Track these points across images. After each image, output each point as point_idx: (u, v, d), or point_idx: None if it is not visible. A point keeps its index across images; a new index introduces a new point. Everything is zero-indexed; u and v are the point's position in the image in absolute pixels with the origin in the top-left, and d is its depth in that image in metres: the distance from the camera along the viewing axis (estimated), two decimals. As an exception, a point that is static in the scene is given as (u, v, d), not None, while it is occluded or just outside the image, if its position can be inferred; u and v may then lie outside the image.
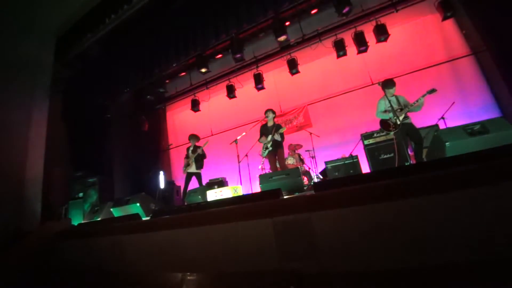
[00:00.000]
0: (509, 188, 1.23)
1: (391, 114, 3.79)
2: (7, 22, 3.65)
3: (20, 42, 3.77)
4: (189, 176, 5.54)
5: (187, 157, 5.62)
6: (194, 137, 5.75)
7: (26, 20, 3.83)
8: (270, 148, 4.79)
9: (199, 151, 5.54)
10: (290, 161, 6.07)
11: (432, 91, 3.63)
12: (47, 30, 4.21)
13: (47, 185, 3.98)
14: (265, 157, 5.03)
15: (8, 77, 3.55)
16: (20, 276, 2.78)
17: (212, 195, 5.85)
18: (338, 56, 6.45)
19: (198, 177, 5.56)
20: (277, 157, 4.85)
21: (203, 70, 6.97)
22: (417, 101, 3.68)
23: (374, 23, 5.98)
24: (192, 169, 5.52)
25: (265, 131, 4.95)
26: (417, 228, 1.37)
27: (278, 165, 4.94)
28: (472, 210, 1.29)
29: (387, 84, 3.89)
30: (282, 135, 4.75)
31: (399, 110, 3.72)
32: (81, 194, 6.02)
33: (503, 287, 1.14)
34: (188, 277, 1.94)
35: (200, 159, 5.59)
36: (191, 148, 5.68)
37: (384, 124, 3.95)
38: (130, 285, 2.26)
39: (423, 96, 3.65)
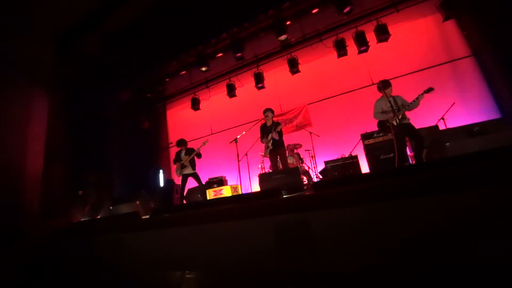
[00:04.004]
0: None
1: (388, 116, 3.80)
2: (7, 20, 3.64)
3: (20, 41, 3.76)
4: (185, 178, 5.54)
5: (178, 160, 5.60)
6: (183, 142, 5.78)
7: (26, 18, 3.82)
8: (271, 147, 4.79)
9: (197, 151, 5.54)
10: (290, 161, 6.08)
11: (429, 90, 3.63)
12: (47, 28, 4.21)
13: (47, 182, 3.98)
14: (266, 156, 5.02)
15: (8, 75, 3.54)
16: (19, 273, 2.78)
17: (212, 194, 5.87)
18: (339, 56, 6.44)
19: (196, 177, 5.56)
20: (279, 157, 4.85)
21: (204, 68, 6.96)
22: (414, 101, 3.68)
23: (375, 23, 5.97)
24: (188, 170, 5.52)
25: (265, 130, 4.95)
26: (417, 228, 1.37)
27: (279, 164, 4.93)
28: (475, 209, 1.29)
29: (386, 84, 3.89)
30: (280, 132, 4.75)
31: (396, 110, 3.72)
32: (81, 192, 6.02)
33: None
34: (187, 275, 1.95)
35: (194, 160, 5.60)
36: (183, 152, 5.67)
37: (382, 126, 3.95)
38: (129, 282, 2.26)
39: (421, 95, 3.65)
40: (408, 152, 4.46)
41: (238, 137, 5.42)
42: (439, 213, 1.34)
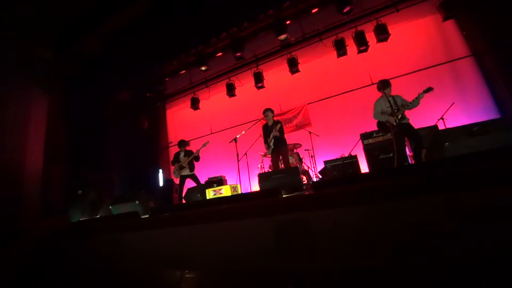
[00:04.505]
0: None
1: (388, 116, 3.80)
2: (8, 19, 3.63)
3: (20, 40, 3.76)
4: (183, 179, 5.55)
5: (177, 161, 5.61)
6: (184, 143, 5.79)
7: (26, 17, 3.81)
8: (273, 146, 4.78)
9: (195, 154, 5.54)
10: (289, 160, 6.08)
11: (429, 89, 3.64)
12: (48, 28, 4.20)
13: (46, 182, 3.98)
14: (269, 155, 5.01)
15: (8, 74, 3.54)
16: (18, 273, 2.78)
17: (211, 193, 5.88)
18: (339, 56, 6.45)
19: (195, 178, 5.57)
20: (281, 156, 4.83)
21: (203, 68, 6.97)
22: (413, 100, 3.69)
23: (374, 22, 5.97)
24: (186, 172, 5.53)
25: (266, 130, 4.94)
26: (416, 228, 1.37)
27: (281, 164, 4.93)
28: (475, 210, 1.29)
29: (386, 84, 3.90)
30: (281, 129, 4.73)
31: (396, 110, 3.73)
32: (80, 192, 6.02)
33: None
34: (187, 275, 1.95)
35: (193, 162, 5.62)
36: (182, 153, 5.68)
37: (382, 125, 3.96)
38: (129, 282, 2.26)
39: (420, 96, 3.65)
40: (408, 152, 4.46)
41: (237, 136, 5.42)
42: (438, 214, 1.34)
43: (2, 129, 3.32)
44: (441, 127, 4.87)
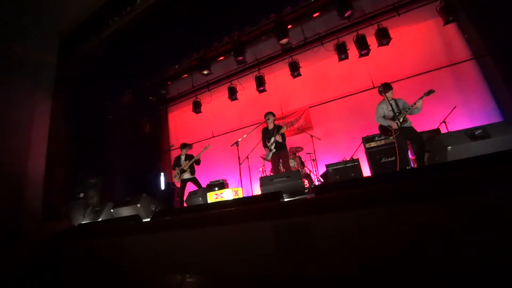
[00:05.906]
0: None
1: (390, 121, 3.79)
2: (11, 22, 3.68)
3: (23, 43, 3.80)
4: (184, 183, 5.56)
5: (178, 165, 5.61)
6: (186, 146, 5.80)
7: (30, 20, 3.86)
8: (274, 150, 4.79)
9: (196, 157, 5.55)
10: (291, 164, 6.07)
11: (430, 92, 3.63)
12: (51, 31, 4.24)
13: (48, 185, 3.99)
14: (269, 160, 5.01)
15: (11, 77, 3.57)
16: (18, 275, 2.78)
17: (213, 197, 5.86)
18: (340, 60, 6.46)
19: (196, 181, 5.57)
20: (280, 160, 4.85)
21: (205, 72, 7.01)
22: (415, 103, 3.68)
23: (376, 26, 6.00)
24: (188, 175, 5.53)
25: (266, 134, 4.95)
26: (418, 232, 1.36)
27: (281, 167, 4.93)
28: (477, 213, 1.28)
29: (387, 87, 3.90)
30: (283, 135, 4.76)
31: (397, 113, 3.72)
32: (82, 195, 6.02)
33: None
34: (188, 279, 1.94)
35: (194, 165, 5.63)
36: (183, 157, 5.68)
37: (383, 129, 3.95)
38: (129, 285, 2.26)
39: (421, 98, 3.64)
40: (410, 156, 4.44)
41: (239, 140, 5.43)
42: (441, 217, 1.33)
43: (4, 132, 3.34)
44: (443, 130, 4.86)
